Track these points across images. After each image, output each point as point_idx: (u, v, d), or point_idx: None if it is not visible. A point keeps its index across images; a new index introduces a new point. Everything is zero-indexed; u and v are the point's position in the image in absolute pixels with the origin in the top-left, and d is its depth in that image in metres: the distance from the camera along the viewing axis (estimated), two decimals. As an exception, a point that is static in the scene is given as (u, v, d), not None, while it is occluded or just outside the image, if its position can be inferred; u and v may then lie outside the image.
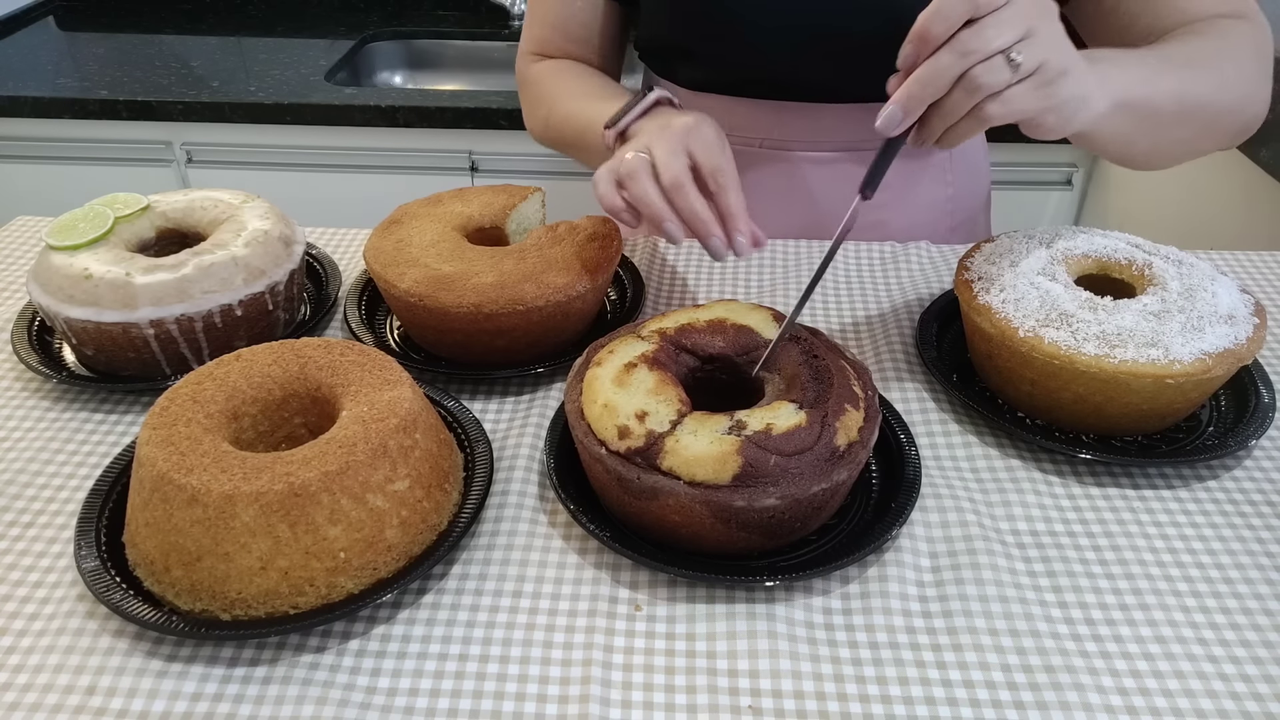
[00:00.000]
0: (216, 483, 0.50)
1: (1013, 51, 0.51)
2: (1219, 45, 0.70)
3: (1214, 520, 0.59)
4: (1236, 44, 0.71)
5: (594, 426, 0.55)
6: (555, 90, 0.86)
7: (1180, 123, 0.68)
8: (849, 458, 0.53)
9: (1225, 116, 0.71)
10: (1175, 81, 0.65)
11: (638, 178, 0.63)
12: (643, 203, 0.63)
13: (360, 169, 1.60)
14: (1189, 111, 0.67)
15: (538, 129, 0.91)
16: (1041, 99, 0.54)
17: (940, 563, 0.56)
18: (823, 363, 0.58)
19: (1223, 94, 0.69)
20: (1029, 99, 0.54)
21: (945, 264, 0.86)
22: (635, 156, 0.63)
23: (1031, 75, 0.53)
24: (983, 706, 0.48)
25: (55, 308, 0.67)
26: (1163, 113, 0.65)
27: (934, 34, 0.51)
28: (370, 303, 0.78)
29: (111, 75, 1.62)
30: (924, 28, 0.52)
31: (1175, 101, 0.66)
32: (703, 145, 0.64)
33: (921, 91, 0.53)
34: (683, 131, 0.65)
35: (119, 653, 0.51)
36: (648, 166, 0.63)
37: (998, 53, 0.51)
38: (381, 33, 1.89)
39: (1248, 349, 0.61)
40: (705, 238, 0.62)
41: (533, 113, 0.91)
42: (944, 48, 0.52)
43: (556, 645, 0.51)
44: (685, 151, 0.63)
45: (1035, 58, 0.52)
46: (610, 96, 0.80)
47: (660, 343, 0.60)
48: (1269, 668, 0.50)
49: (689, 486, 0.51)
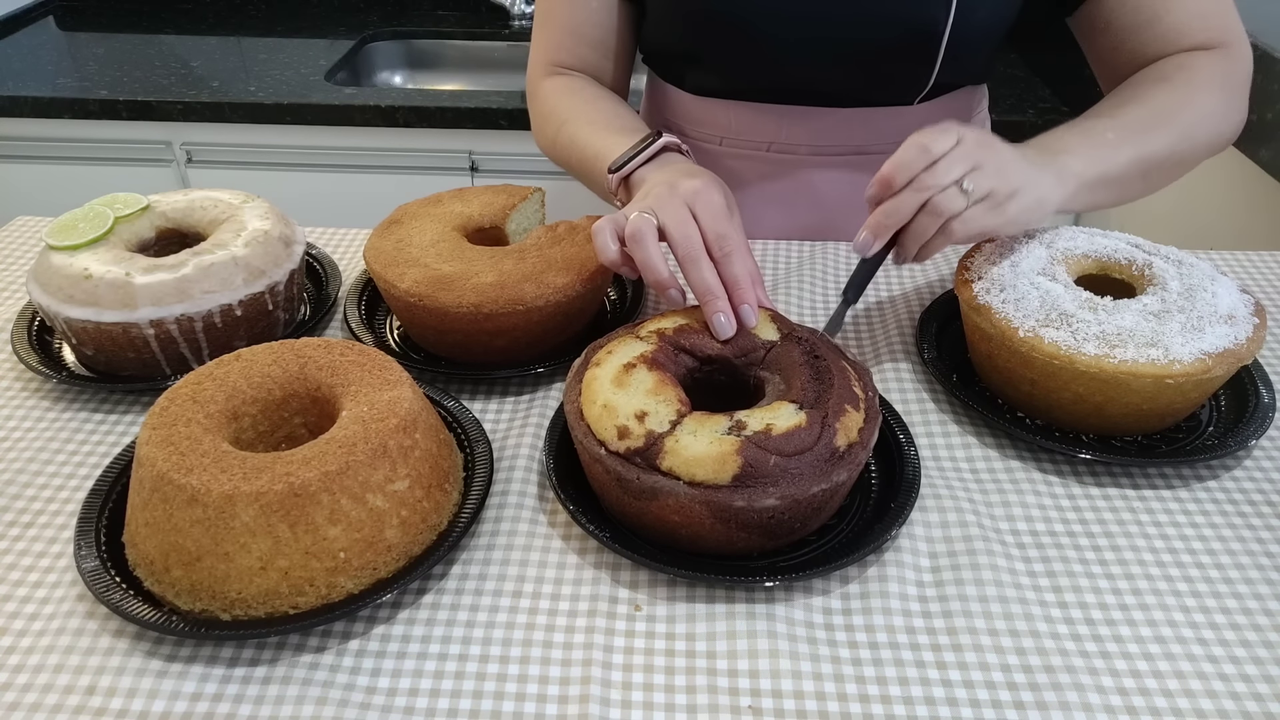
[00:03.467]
0: (216, 483, 0.50)
1: (964, 182, 0.61)
2: (1182, 95, 0.74)
3: (1214, 520, 0.59)
4: (1202, 86, 0.75)
5: (593, 427, 0.55)
6: (566, 111, 0.86)
7: (1144, 177, 0.74)
8: (849, 458, 0.53)
9: (1190, 156, 0.76)
10: (1133, 149, 0.71)
11: (643, 242, 0.62)
12: (648, 268, 0.63)
13: (360, 169, 1.60)
14: (1151, 168, 0.73)
15: (545, 145, 0.91)
16: (997, 217, 0.63)
17: (940, 563, 0.56)
18: (823, 363, 0.58)
19: (1184, 143, 0.74)
20: (986, 219, 0.63)
21: (945, 264, 0.86)
22: (640, 218, 0.63)
23: (984, 200, 0.62)
24: (983, 706, 0.48)
25: (55, 308, 0.67)
26: (1125, 178, 0.72)
27: (897, 181, 0.62)
28: (370, 303, 0.78)
29: (111, 75, 1.62)
30: (889, 176, 0.62)
31: (1136, 165, 0.72)
32: (709, 211, 0.63)
33: (887, 220, 0.63)
34: (690, 195, 0.64)
35: (119, 653, 0.51)
36: (653, 230, 0.63)
37: (951, 185, 0.61)
38: (381, 32, 1.89)
39: (1247, 349, 0.61)
40: (711, 314, 0.61)
41: (541, 128, 0.90)
42: (906, 188, 0.62)
43: (556, 645, 0.51)
44: (692, 217, 0.63)
45: (984, 186, 0.62)
46: (621, 129, 0.80)
47: (659, 343, 0.60)
48: (1269, 668, 0.50)
49: (689, 487, 0.51)
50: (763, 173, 0.90)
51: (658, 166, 0.73)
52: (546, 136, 0.89)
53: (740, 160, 0.90)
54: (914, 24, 0.78)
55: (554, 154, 0.89)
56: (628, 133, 0.79)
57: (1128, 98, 0.76)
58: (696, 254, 0.62)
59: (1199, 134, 0.75)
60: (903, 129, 0.75)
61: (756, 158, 0.90)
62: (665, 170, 0.71)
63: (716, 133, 0.90)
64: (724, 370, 0.61)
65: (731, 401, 0.57)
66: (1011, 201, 0.63)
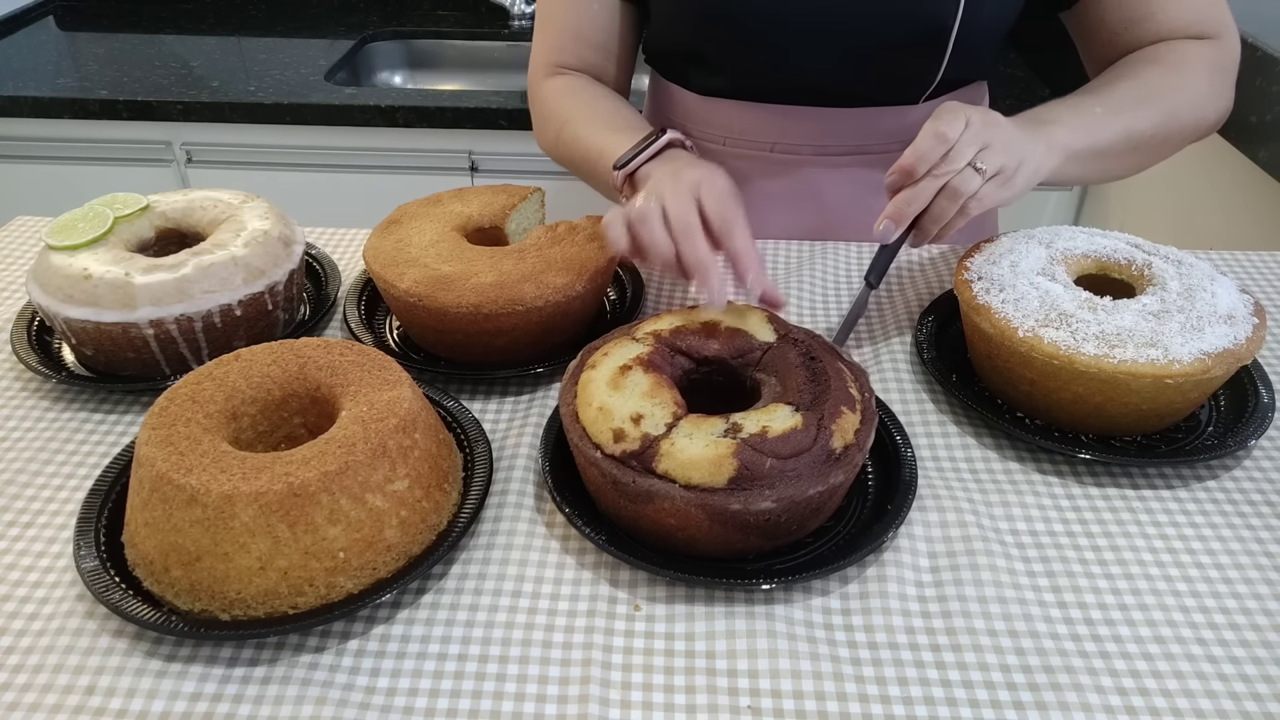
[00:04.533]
0: (216, 483, 0.50)
1: (977, 161, 0.64)
2: (1173, 77, 0.77)
3: (1213, 520, 0.59)
4: (1191, 69, 0.78)
5: (589, 430, 0.55)
6: (569, 111, 0.86)
7: (1131, 153, 0.77)
8: (845, 460, 0.53)
9: (1176, 136, 0.79)
10: (1120, 124, 0.74)
11: (648, 223, 0.64)
12: (651, 247, 0.64)
13: (360, 169, 1.60)
14: (1138, 144, 0.76)
15: (548, 145, 0.91)
16: (1007, 190, 0.67)
17: (940, 563, 0.56)
18: (819, 365, 0.58)
19: (1171, 122, 0.77)
20: (998, 194, 0.66)
21: (945, 264, 0.86)
22: (646, 204, 0.65)
23: (995, 176, 0.65)
24: (982, 707, 0.48)
25: (55, 308, 0.67)
26: (1111, 151, 0.75)
27: (919, 171, 0.64)
28: (370, 303, 0.78)
29: (111, 75, 1.62)
30: (910, 165, 0.64)
31: (1123, 140, 0.75)
32: (713, 197, 0.65)
33: (908, 207, 0.66)
34: (694, 182, 0.66)
35: (118, 653, 0.51)
36: (659, 214, 0.64)
37: (966, 167, 0.64)
38: (381, 32, 1.89)
39: (1247, 349, 0.61)
40: (703, 282, 0.62)
41: (543, 129, 0.90)
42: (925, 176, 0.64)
43: (556, 645, 0.51)
44: (695, 201, 0.65)
45: (995, 164, 0.65)
46: (623, 128, 0.80)
47: (655, 345, 0.60)
48: (1268, 668, 0.50)
49: (684, 490, 0.51)
50: (766, 173, 0.90)
51: (663, 162, 0.74)
52: (548, 137, 0.89)
53: (743, 160, 0.90)
54: (923, 20, 0.78)
55: (556, 154, 0.90)
56: (631, 130, 0.79)
57: (1118, 75, 0.78)
58: (690, 229, 0.63)
59: (1185, 115, 0.77)
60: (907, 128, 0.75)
61: (760, 158, 0.90)
62: (670, 164, 0.72)
63: (720, 133, 0.90)
64: (721, 372, 0.61)
65: (728, 403, 0.57)
66: (1019, 174, 0.66)
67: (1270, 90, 1.07)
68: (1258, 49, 1.09)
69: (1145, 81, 0.77)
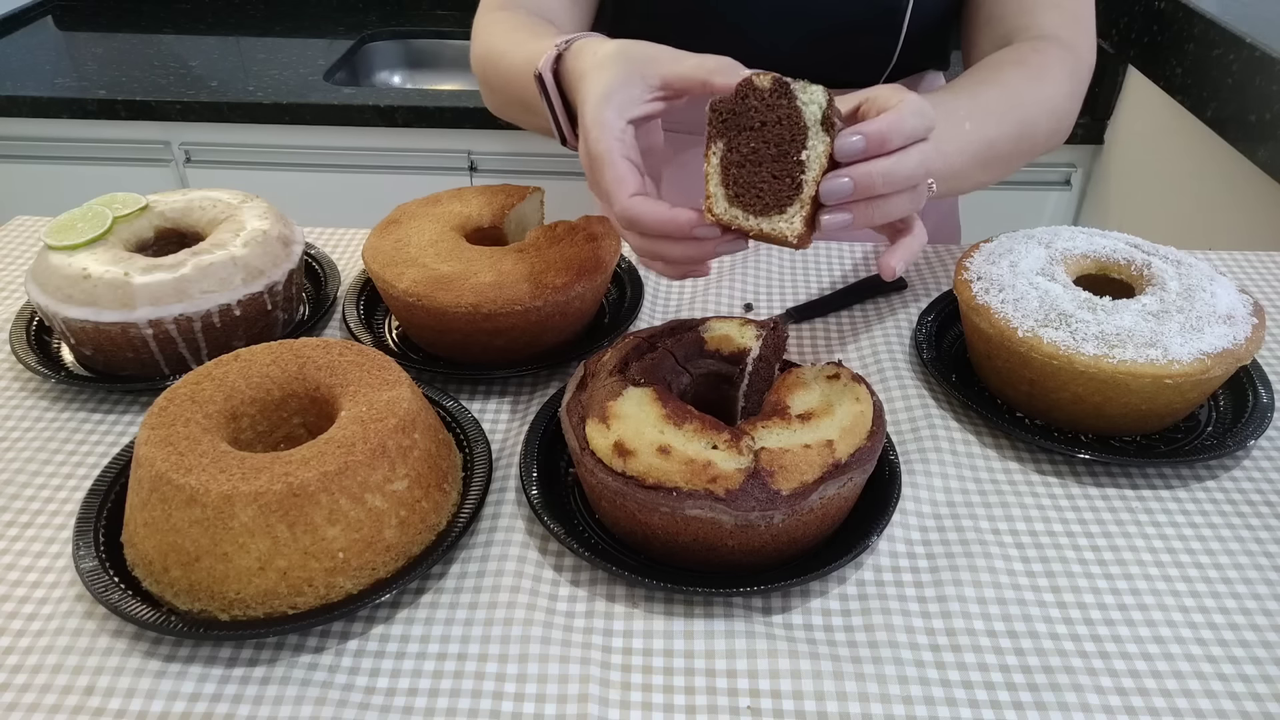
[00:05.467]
0: (215, 483, 0.50)
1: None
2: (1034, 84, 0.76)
3: (1213, 520, 0.59)
4: (1053, 73, 0.77)
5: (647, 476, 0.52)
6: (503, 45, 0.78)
7: (983, 169, 0.75)
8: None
9: (1030, 151, 0.78)
10: (980, 139, 0.72)
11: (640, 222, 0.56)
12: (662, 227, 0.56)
13: (359, 169, 1.60)
14: (991, 160, 0.74)
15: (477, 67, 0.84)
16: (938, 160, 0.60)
17: (939, 563, 0.56)
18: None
19: (1025, 141, 0.76)
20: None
21: (944, 264, 0.86)
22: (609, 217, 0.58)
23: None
24: (982, 707, 0.48)
25: (53, 308, 0.67)
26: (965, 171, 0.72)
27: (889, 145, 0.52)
28: (369, 303, 0.78)
29: (110, 75, 1.62)
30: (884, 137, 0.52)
31: (978, 157, 0.73)
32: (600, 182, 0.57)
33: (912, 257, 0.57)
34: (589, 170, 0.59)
35: (117, 653, 0.51)
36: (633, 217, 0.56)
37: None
38: (380, 32, 1.89)
39: (1246, 349, 0.61)
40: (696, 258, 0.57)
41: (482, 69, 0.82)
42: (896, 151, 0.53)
43: (556, 645, 0.51)
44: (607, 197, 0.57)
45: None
46: (545, 35, 0.73)
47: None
48: (1267, 667, 0.50)
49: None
50: None
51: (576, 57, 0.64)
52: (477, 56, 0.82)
53: None
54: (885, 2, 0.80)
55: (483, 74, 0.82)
56: (549, 36, 0.70)
57: (984, 79, 0.77)
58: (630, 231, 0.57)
59: (1042, 127, 0.77)
60: None
61: None
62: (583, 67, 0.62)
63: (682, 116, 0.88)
64: (720, 382, 0.61)
65: (726, 406, 0.57)
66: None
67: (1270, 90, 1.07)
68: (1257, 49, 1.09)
69: (1010, 88, 0.75)
